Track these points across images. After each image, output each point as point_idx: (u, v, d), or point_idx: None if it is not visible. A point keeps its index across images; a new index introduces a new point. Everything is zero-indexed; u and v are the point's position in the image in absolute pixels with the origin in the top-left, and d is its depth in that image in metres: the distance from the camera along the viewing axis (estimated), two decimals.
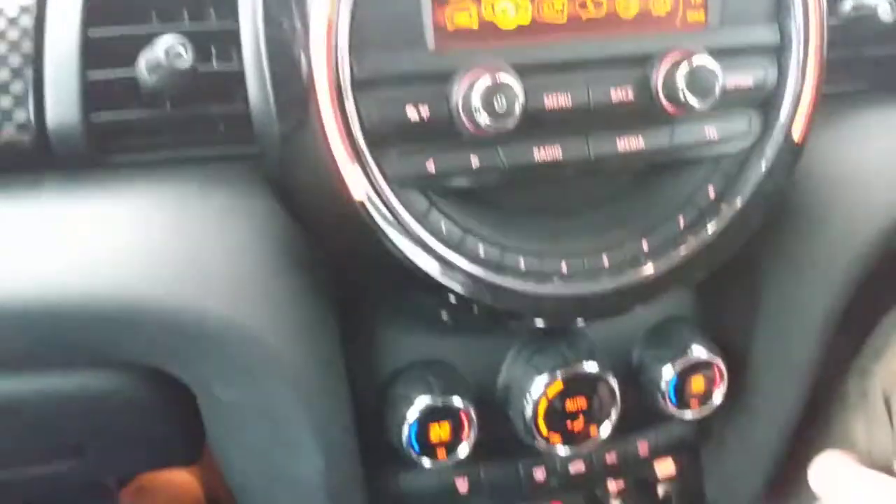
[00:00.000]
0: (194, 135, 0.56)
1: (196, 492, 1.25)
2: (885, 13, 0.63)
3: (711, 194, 0.57)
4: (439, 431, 0.61)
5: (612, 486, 0.73)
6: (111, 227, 0.51)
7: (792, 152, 0.56)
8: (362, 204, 0.49)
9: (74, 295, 0.50)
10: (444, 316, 0.58)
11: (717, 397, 0.67)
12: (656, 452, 0.72)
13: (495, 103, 0.48)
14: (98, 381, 0.59)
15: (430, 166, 0.50)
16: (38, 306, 0.49)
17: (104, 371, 0.59)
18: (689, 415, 0.66)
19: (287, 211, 0.54)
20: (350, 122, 0.48)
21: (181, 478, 1.24)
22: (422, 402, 0.60)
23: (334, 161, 0.49)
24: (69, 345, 0.53)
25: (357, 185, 0.49)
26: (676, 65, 0.51)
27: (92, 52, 0.54)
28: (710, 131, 0.55)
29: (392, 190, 0.50)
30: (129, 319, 0.50)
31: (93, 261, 0.50)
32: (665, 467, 0.74)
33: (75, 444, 0.66)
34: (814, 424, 0.77)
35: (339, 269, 0.57)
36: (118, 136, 0.55)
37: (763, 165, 0.56)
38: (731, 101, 0.54)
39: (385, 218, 0.50)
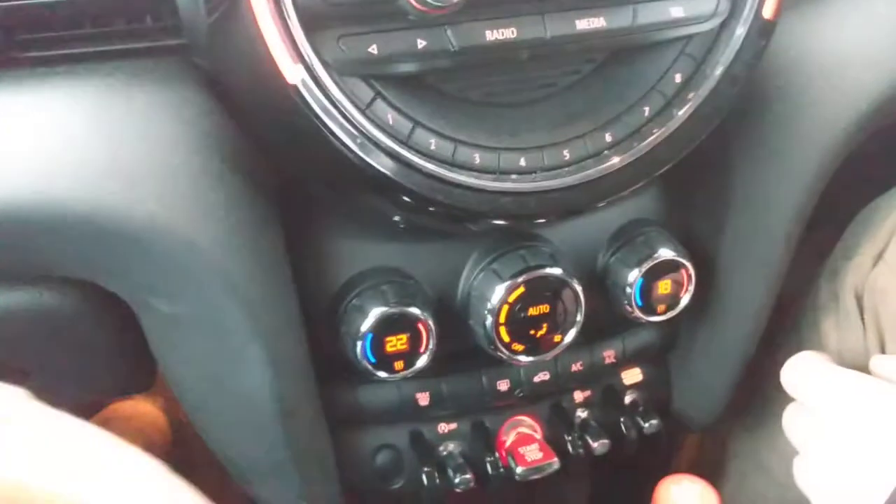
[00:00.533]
0: (117, 27, 0.51)
1: (161, 423, 1.23)
2: None
3: (678, 80, 0.54)
4: (396, 343, 0.58)
5: (579, 395, 0.71)
6: (27, 128, 0.47)
7: (763, 31, 0.53)
8: (298, 92, 0.45)
9: None
10: (397, 219, 0.55)
11: (685, 300, 0.64)
12: (623, 360, 0.71)
13: None
14: (33, 298, 0.56)
15: (373, 49, 0.46)
16: None
17: (38, 287, 0.55)
18: (655, 319, 0.64)
19: (220, 107, 0.50)
20: (282, 2, 0.44)
21: (146, 409, 1.23)
22: (376, 312, 0.57)
23: (265, 46, 0.44)
24: None
25: (292, 73, 0.45)
26: None
27: None
28: (676, 10, 0.51)
29: (331, 77, 0.46)
30: (51, 225, 0.47)
31: (7, 165, 0.46)
32: (632, 375, 0.73)
33: (18, 367, 0.63)
34: (783, 328, 0.76)
35: (281, 170, 0.54)
36: (33, 29, 0.50)
37: (732, 47, 0.53)
38: None
39: (324, 108, 0.46)
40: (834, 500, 0.55)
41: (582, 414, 0.71)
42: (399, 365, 0.58)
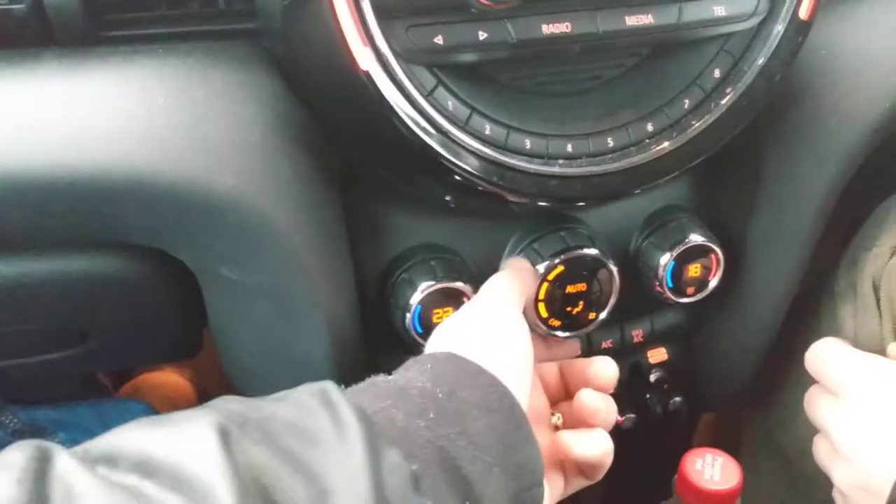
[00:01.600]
0: (193, 9, 0.54)
1: (189, 393, 1.27)
2: None
3: (717, 75, 0.57)
4: (442, 315, 0.61)
5: None
6: (113, 101, 0.50)
7: (799, 30, 0.56)
8: (370, 78, 0.48)
9: (77, 169, 0.49)
10: (448, 198, 0.58)
11: (713, 283, 0.68)
12: (650, 339, 0.74)
13: None
14: (101, 264, 0.59)
15: (439, 39, 0.49)
16: (40, 181, 0.49)
17: (108, 254, 0.59)
18: (684, 300, 0.68)
19: (289, 88, 0.53)
20: None
21: (174, 379, 1.27)
22: (426, 285, 0.60)
23: (341, 34, 0.48)
24: (72, 222, 0.52)
25: (364, 60, 0.48)
26: None
27: None
28: (718, 9, 0.55)
29: (399, 65, 0.49)
30: (134, 195, 0.50)
31: (95, 135, 0.49)
32: (658, 354, 0.76)
33: (78, 330, 0.67)
34: (802, 315, 0.79)
35: (343, 150, 0.57)
36: (115, 10, 0.54)
37: (769, 45, 0.56)
38: None
39: (392, 94, 0.49)
40: (853, 478, 0.59)
41: None
42: None
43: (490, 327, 0.52)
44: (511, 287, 0.57)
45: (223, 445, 0.33)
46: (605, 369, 0.58)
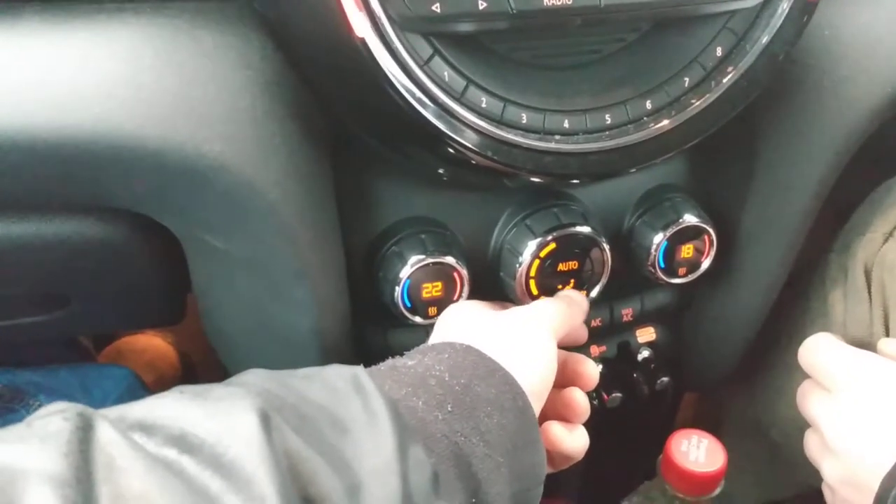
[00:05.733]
0: None
1: (171, 356, 1.26)
2: None
3: (718, 53, 0.56)
4: (431, 290, 0.61)
5: (595, 350, 0.75)
6: (97, 62, 0.48)
7: (804, 10, 0.55)
8: (365, 44, 0.47)
9: (60, 131, 0.47)
10: (441, 171, 0.57)
11: (705, 264, 0.68)
12: (639, 319, 0.74)
13: None
14: (84, 229, 0.58)
15: (437, 7, 0.48)
16: (20, 143, 0.47)
17: (91, 218, 0.58)
18: (676, 281, 0.67)
19: (280, 53, 0.52)
20: None
21: (157, 343, 1.26)
22: (415, 259, 0.59)
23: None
24: (55, 185, 0.51)
25: (359, 24, 0.47)
26: None
27: None
28: None
29: (395, 32, 0.48)
30: (119, 158, 0.48)
31: (78, 96, 0.48)
32: (646, 334, 0.76)
33: (61, 294, 0.66)
34: (793, 298, 0.79)
35: (334, 118, 0.56)
36: None
37: (773, 24, 0.55)
38: None
39: (387, 62, 0.48)
40: (842, 473, 0.59)
41: (597, 367, 0.74)
42: (433, 311, 0.61)
43: (522, 339, 0.52)
44: (557, 314, 0.57)
45: (264, 431, 0.33)
46: (594, 372, 0.59)
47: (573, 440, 0.55)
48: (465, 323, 0.55)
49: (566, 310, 0.58)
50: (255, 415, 0.33)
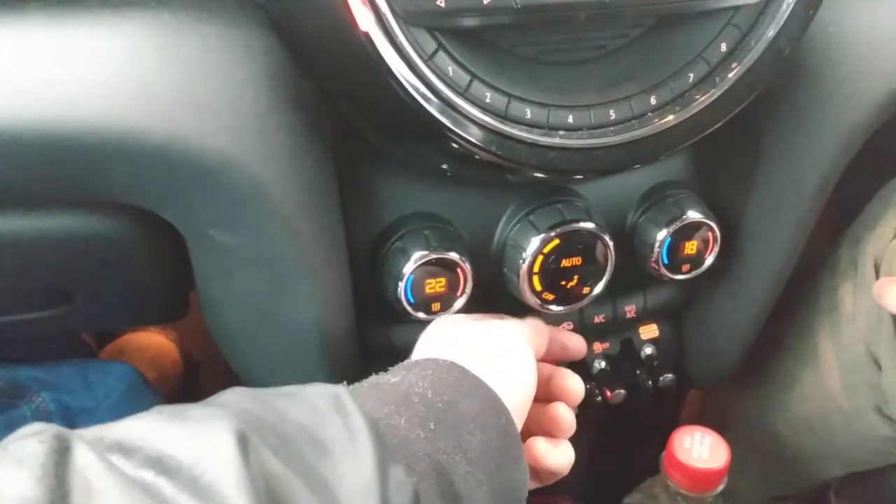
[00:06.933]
0: None
1: (173, 354, 1.26)
2: None
3: (723, 49, 0.56)
4: (435, 286, 0.61)
5: (598, 347, 0.74)
6: (101, 56, 0.48)
7: (809, 6, 0.54)
8: (369, 39, 0.47)
9: (64, 125, 0.47)
10: (445, 166, 0.57)
11: (709, 261, 0.67)
12: (643, 315, 0.74)
13: None
14: (87, 224, 0.58)
15: (441, 2, 0.48)
16: (24, 137, 0.47)
17: (94, 213, 0.57)
18: (679, 277, 0.67)
19: (285, 47, 0.52)
20: None
21: (159, 340, 1.26)
22: (419, 255, 0.59)
23: None
24: (58, 180, 0.51)
25: (364, 20, 0.47)
26: None
27: None
28: None
29: (399, 27, 0.48)
30: (123, 152, 0.48)
31: (82, 91, 0.48)
32: (649, 331, 0.76)
33: (64, 290, 0.66)
34: (800, 293, 0.79)
35: (338, 113, 0.56)
36: None
37: (778, 20, 0.54)
38: None
39: (391, 57, 0.48)
40: None
41: (600, 364, 0.74)
42: (436, 307, 0.61)
43: (503, 352, 0.53)
44: (535, 331, 0.58)
45: (241, 453, 0.33)
46: (579, 387, 0.59)
47: (557, 456, 0.55)
48: (448, 338, 0.55)
49: (542, 331, 0.59)
50: (232, 436, 0.33)
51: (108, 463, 0.31)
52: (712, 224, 0.66)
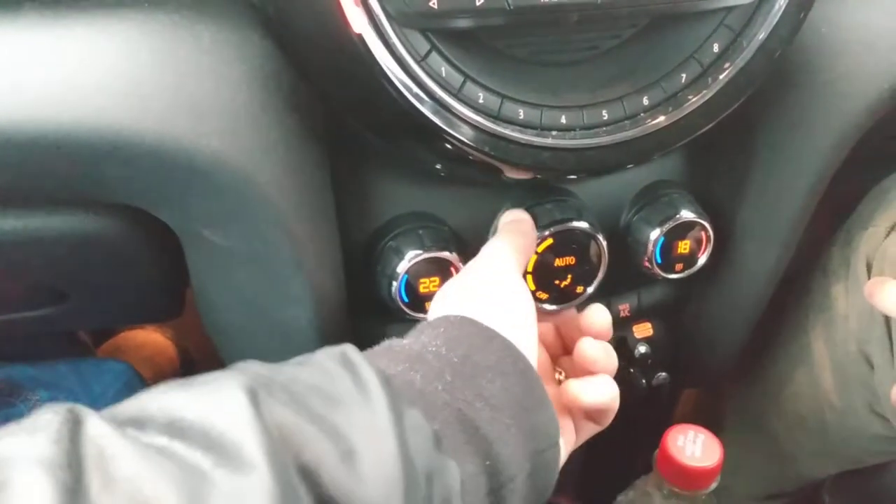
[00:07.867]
0: None
1: (170, 352, 1.26)
2: None
3: (715, 50, 0.56)
4: (429, 285, 0.61)
5: None
6: (95, 57, 0.48)
7: (801, 6, 0.55)
8: (362, 41, 0.47)
9: (58, 126, 0.47)
10: (439, 167, 0.57)
11: (702, 260, 0.68)
12: (637, 314, 0.74)
13: None
14: (82, 223, 0.58)
15: (434, 3, 0.48)
16: (18, 137, 0.47)
17: (89, 213, 0.58)
18: (673, 276, 0.67)
19: (279, 48, 0.52)
20: None
21: (156, 338, 1.26)
22: (413, 254, 0.60)
23: None
24: (53, 180, 0.51)
25: (356, 20, 0.47)
26: None
27: None
28: None
29: (392, 28, 0.48)
30: (117, 153, 0.48)
31: (77, 91, 0.48)
32: (643, 329, 0.76)
33: (59, 289, 0.66)
34: (793, 292, 0.79)
35: (332, 113, 0.56)
36: None
37: (770, 21, 0.55)
38: None
39: (384, 58, 0.48)
40: None
41: None
42: (430, 306, 0.61)
43: (492, 291, 0.52)
44: (510, 250, 0.56)
45: (252, 405, 0.33)
46: (598, 316, 0.57)
47: (594, 390, 0.53)
48: (448, 296, 0.54)
49: (515, 241, 0.57)
50: (241, 391, 0.33)
51: (121, 433, 0.31)
52: (705, 223, 0.66)
